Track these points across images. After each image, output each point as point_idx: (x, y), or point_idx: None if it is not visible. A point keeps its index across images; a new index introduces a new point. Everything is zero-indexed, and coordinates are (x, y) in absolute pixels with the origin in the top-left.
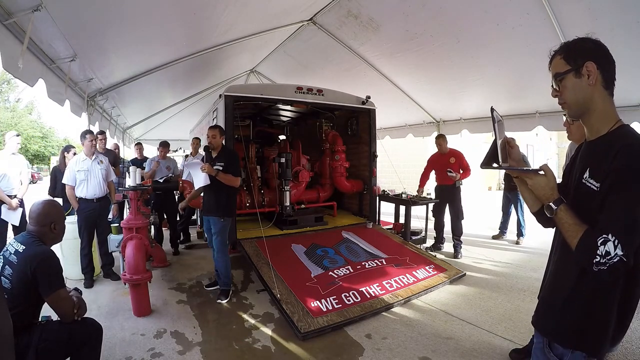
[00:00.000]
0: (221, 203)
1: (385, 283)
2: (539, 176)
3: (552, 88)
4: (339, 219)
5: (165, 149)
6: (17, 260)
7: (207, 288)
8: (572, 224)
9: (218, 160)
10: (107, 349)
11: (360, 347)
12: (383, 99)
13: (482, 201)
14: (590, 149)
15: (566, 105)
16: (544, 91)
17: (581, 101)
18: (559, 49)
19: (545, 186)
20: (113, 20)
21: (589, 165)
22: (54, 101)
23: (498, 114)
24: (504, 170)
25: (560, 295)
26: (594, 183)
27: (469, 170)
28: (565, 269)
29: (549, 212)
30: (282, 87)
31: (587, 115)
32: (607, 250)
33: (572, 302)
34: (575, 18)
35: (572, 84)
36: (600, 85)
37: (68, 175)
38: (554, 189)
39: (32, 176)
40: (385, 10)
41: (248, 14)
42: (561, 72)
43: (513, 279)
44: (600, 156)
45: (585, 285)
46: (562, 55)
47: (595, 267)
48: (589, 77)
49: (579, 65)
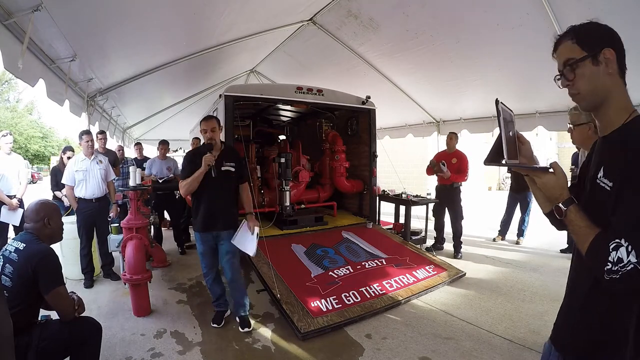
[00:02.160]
0: (233, 212)
1: (385, 283)
2: (548, 174)
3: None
4: (339, 219)
5: (165, 147)
6: (18, 258)
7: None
8: (582, 226)
9: (227, 160)
10: (107, 349)
11: (360, 347)
12: (383, 99)
13: (482, 201)
14: (604, 145)
15: (580, 96)
16: (544, 91)
17: (598, 91)
18: (568, 33)
19: (555, 185)
20: (113, 20)
21: (603, 164)
22: (53, 101)
23: (506, 106)
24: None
25: (574, 305)
26: (607, 182)
27: (465, 175)
28: (580, 277)
29: (559, 214)
30: (282, 87)
31: (603, 107)
32: (619, 256)
33: (586, 314)
34: (575, 18)
35: (590, 72)
36: (617, 75)
37: (67, 175)
38: (564, 188)
39: (32, 176)
40: (385, 10)
41: (248, 14)
42: (576, 59)
43: (513, 279)
44: (614, 153)
45: (599, 296)
46: (573, 40)
47: (606, 275)
48: (608, 65)
49: (595, 51)
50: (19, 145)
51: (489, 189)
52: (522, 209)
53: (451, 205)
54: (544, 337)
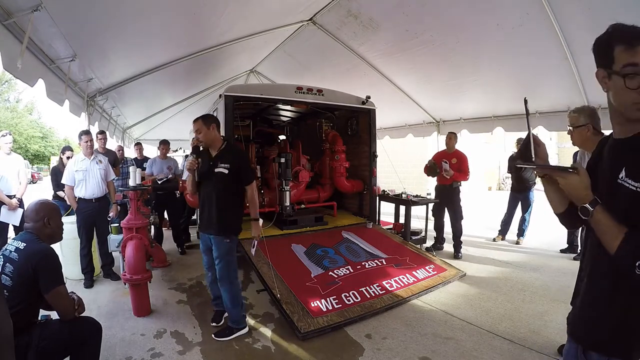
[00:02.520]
0: (226, 217)
1: (385, 283)
2: (572, 175)
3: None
4: (339, 219)
5: (165, 147)
6: (19, 257)
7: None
8: (610, 225)
9: (221, 161)
10: (107, 349)
11: (360, 347)
12: (383, 99)
13: (482, 201)
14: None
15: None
16: (544, 91)
17: None
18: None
19: (579, 186)
20: (113, 20)
21: (625, 165)
22: (53, 101)
23: None
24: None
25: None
26: (632, 183)
27: (466, 175)
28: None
29: (584, 214)
30: (282, 87)
31: None
32: None
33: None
34: (575, 18)
35: None
36: None
37: (67, 175)
38: (588, 188)
39: (32, 176)
40: (385, 10)
41: (248, 14)
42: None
43: (513, 279)
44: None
45: (621, 291)
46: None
47: (638, 269)
48: None
49: None
50: (19, 145)
51: (489, 189)
52: (523, 208)
53: (451, 205)
54: (544, 337)
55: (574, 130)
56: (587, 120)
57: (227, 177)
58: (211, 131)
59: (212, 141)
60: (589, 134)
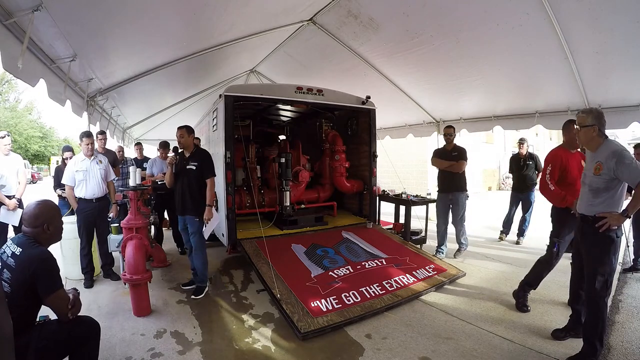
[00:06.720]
0: (197, 202)
1: (385, 283)
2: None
3: None
4: (339, 219)
5: (165, 150)
6: (15, 264)
7: (183, 287)
8: None
9: (192, 160)
10: (107, 349)
11: (360, 347)
12: (383, 99)
13: (482, 201)
14: None
15: None
16: (544, 91)
17: None
18: None
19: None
20: (113, 20)
21: None
22: (54, 101)
23: None
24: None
25: None
26: None
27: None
28: None
29: None
30: (282, 87)
31: None
32: None
33: None
34: (575, 18)
35: None
36: None
37: (67, 175)
38: None
39: (32, 176)
40: (385, 10)
41: (248, 14)
42: None
43: (513, 279)
44: None
45: None
46: None
47: None
48: None
49: None
50: (19, 145)
51: (489, 189)
52: (524, 208)
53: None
54: (544, 337)
55: (580, 130)
56: (594, 121)
57: (196, 172)
58: (189, 138)
59: (189, 145)
60: (594, 135)
